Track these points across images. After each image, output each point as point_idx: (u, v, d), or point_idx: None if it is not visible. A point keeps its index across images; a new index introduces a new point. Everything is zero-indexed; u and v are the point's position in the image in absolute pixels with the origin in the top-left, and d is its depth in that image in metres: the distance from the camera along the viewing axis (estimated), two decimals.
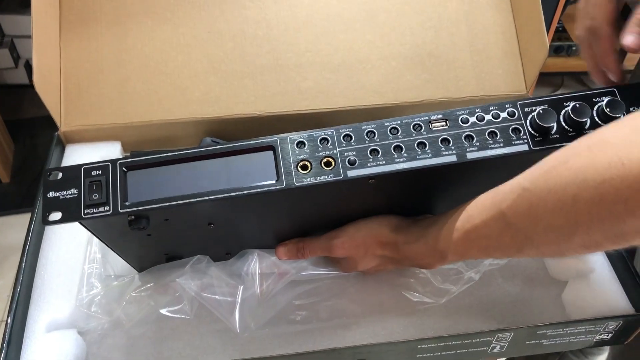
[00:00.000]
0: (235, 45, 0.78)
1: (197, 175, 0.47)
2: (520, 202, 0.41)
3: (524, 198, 0.41)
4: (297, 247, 0.60)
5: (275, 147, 0.48)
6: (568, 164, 0.38)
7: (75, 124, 0.74)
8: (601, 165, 0.35)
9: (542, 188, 0.39)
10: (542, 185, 0.39)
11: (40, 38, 0.70)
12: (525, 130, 0.49)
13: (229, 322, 0.58)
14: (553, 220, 0.38)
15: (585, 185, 0.36)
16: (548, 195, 0.38)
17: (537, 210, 0.39)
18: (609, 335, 0.60)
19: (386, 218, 0.57)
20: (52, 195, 0.45)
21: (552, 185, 0.38)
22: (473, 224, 0.46)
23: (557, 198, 0.38)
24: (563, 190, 0.37)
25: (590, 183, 0.35)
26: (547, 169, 0.40)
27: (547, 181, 0.39)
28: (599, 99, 0.49)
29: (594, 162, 0.36)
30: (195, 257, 0.59)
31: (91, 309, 0.58)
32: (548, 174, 0.39)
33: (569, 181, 0.37)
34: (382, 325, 0.61)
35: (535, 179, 0.40)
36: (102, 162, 0.47)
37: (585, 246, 0.39)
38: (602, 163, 0.35)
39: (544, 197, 0.39)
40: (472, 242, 0.47)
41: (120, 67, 0.76)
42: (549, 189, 0.38)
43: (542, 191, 0.39)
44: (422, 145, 0.48)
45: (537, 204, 0.39)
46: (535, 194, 0.40)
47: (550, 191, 0.38)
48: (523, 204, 0.41)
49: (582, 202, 0.36)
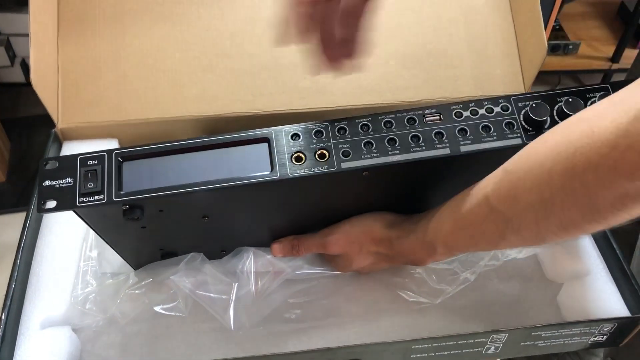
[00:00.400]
0: (233, 43, 0.78)
1: (192, 166, 0.48)
2: (502, 185, 0.42)
3: (505, 180, 0.42)
4: (292, 244, 0.60)
5: (270, 139, 0.48)
6: (545, 142, 0.39)
7: (72, 121, 0.74)
8: (574, 137, 0.36)
9: (522, 167, 0.40)
10: (521, 165, 0.40)
11: (38, 35, 0.70)
12: (519, 124, 0.49)
13: (223, 319, 0.58)
14: (531, 199, 0.39)
15: (559, 158, 0.36)
16: (526, 175, 0.39)
17: (517, 190, 0.40)
18: (604, 337, 0.60)
19: (380, 214, 0.57)
20: (47, 184, 0.46)
21: (531, 163, 0.39)
22: (460, 213, 0.47)
23: (534, 175, 0.38)
24: (539, 167, 0.38)
25: (563, 155, 0.36)
26: (526, 150, 0.41)
27: (526, 161, 0.40)
28: (592, 94, 0.50)
29: (568, 136, 0.36)
30: (190, 255, 0.59)
31: (86, 306, 0.58)
32: (527, 155, 0.40)
33: (545, 157, 0.38)
34: (377, 325, 0.61)
35: (515, 161, 0.41)
36: (99, 152, 0.47)
37: (563, 226, 0.39)
38: (575, 134, 0.36)
39: (523, 177, 0.39)
40: (459, 232, 0.47)
41: (118, 64, 0.76)
42: (528, 167, 0.39)
43: (521, 170, 0.40)
44: (416, 138, 0.49)
45: (516, 184, 0.40)
46: (515, 174, 0.40)
47: (528, 170, 0.39)
48: (504, 186, 0.42)
49: (556, 175, 0.37)
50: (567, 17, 2.04)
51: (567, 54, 1.94)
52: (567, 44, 1.92)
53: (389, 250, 0.55)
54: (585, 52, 1.96)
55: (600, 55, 1.96)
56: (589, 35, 2.01)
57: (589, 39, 1.99)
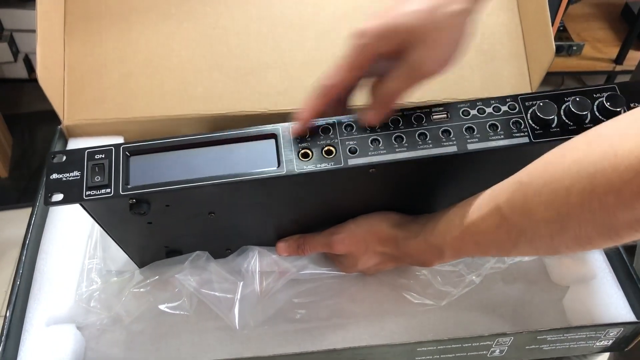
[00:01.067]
0: (240, 41, 0.78)
1: (199, 161, 0.48)
2: (516, 196, 0.41)
3: (520, 192, 0.41)
4: (298, 243, 0.59)
5: (277, 135, 0.49)
6: (564, 157, 0.38)
7: (78, 118, 0.74)
8: (595, 157, 0.35)
9: (538, 181, 0.39)
10: (538, 178, 0.40)
11: (45, 32, 0.70)
12: (526, 123, 0.49)
13: (228, 319, 0.57)
14: (547, 213, 0.39)
15: (579, 176, 0.36)
16: (543, 188, 0.39)
17: (532, 203, 0.40)
18: (610, 341, 0.60)
19: (386, 214, 0.57)
20: (55, 177, 0.46)
21: (548, 177, 0.38)
22: (470, 219, 0.46)
23: (551, 190, 0.38)
24: (557, 182, 0.37)
25: (583, 174, 0.36)
26: (544, 163, 0.40)
27: (542, 174, 0.39)
28: (600, 94, 0.50)
29: (588, 154, 0.36)
30: (195, 253, 0.59)
31: (90, 303, 0.58)
32: (544, 168, 0.40)
33: (564, 173, 0.37)
34: (381, 326, 0.61)
35: (531, 173, 0.41)
36: (106, 146, 0.48)
37: (578, 241, 0.39)
38: (596, 154, 0.35)
39: (539, 190, 0.39)
40: (469, 238, 0.47)
41: (124, 61, 0.76)
42: (544, 181, 0.39)
43: (537, 184, 0.39)
44: (423, 136, 0.49)
45: (532, 197, 0.40)
46: (531, 187, 0.40)
47: (546, 184, 0.38)
48: (519, 198, 0.41)
49: (575, 193, 0.36)
50: (571, 18, 2.04)
51: (571, 55, 1.94)
52: (571, 45, 1.92)
53: (395, 251, 0.55)
54: (589, 53, 1.95)
55: (604, 56, 1.95)
56: (593, 36, 2.00)
57: (592, 40, 1.99)
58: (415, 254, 0.53)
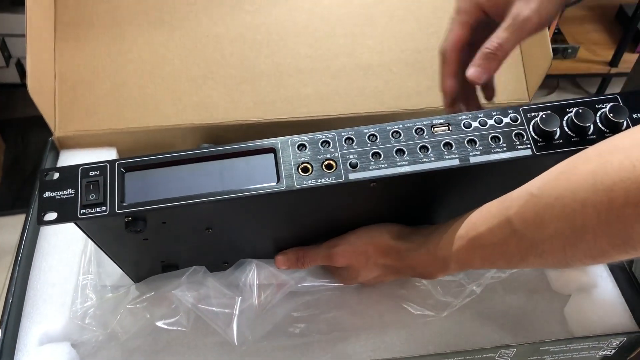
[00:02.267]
0: (234, 49, 0.77)
1: (196, 177, 0.47)
2: (527, 209, 0.41)
3: (531, 204, 0.40)
4: (297, 256, 0.59)
5: (276, 150, 0.48)
6: (577, 170, 0.38)
7: (69, 130, 0.72)
8: (611, 169, 0.35)
9: (550, 194, 0.39)
10: (550, 191, 0.39)
11: (35, 41, 0.69)
12: (528, 135, 0.49)
13: (226, 334, 0.56)
14: (560, 226, 0.38)
15: (595, 189, 0.35)
16: (556, 201, 0.38)
17: (544, 216, 0.39)
18: (612, 351, 0.59)
19: (387, 226, 0.56)
20: (48, 195, 0.45)
21: (561, 190, 0.38)
22: (477, 231, 0.45)
23: (564, 203, 0.37)
24: (572, 195, 0.37)
25: (599, 187, 0.35)
26: (555, 175, 0.39)
27: (555, 187, 0.39)
28: (602, 105, 0.49)
29: (604, 166, 0.35)
30: (192, 268, 0.58)
31: (85, 321, 0.56)
32: (556, 180, 0.39)
33: (578, 186, 0.37)
34: (382, 339, 0.60)
35: (543, 185, 0.40)
36: (100, 162, 0.46)
37: (591, 255, 0.38)
38: (613, 166, 0.35)
39: (552, 203, 0.38)
40: (476, 250, 0.46)
41: (116, 71, 0.75)
42: (557, 194, 0.38)
43: (549, 197, 0.39)
44: (425, 149, 0.48)
45: (544, 210, 0.39)
46: (543, 199, 0.39)
47: (559, 197, 0.38)
48: (530, 210, 0.40)
49: (591, 205, 0.36)
50: (566, 21, 2.03)
51: (566, 58, 1.94)
52: (566, 48, 1.92)
53: (397, 263, 0.54)
54: (584, 56, 1.96)
55: (599, 59, 1.95)
56: (588, 39, 2.00)
57: (587, 42, 1.99)
58: (418, 266, 0.53)
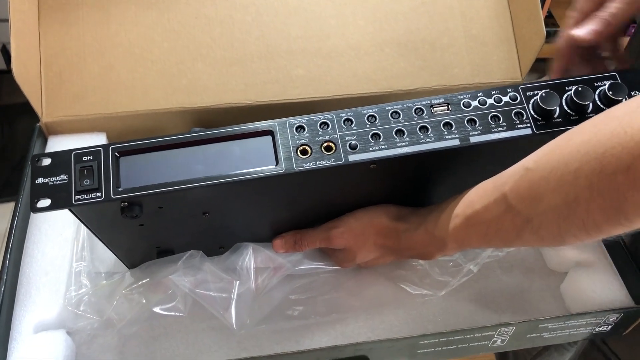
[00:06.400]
0: (224, 31, 0.75)
1: (192, 161, 0.46)
2: (522, 183, 0.40)
3: (526, 178, 0.40)
4: (294, 239, 0.58)
5: (274, 132, 0.47)
6: (571, 141, 0.37)
7: (57, 115, 0.71)
8: (604, 136, 0.35)
9: (545, 167, 0.39)
10: (544, 164, 0.39)
11: (19, 24, 0.67)
12: (528, 114, 0.49)
13: (224, 318, 0.56)
14: (554, 199, 0.38)
15: (587, 157, 0.35)
16: (550, 174, 0.38)
17: (539, 189, 0.39)
18: (609, 327, 0.60)
19: (385, 207, 0.56)
20: (40, 181, 0.44)
21: (555, 162, 0.38)
22: (474, 209, 0.45)
23: (559, 175, 0.37)
24: (565, 166, 0.37)
25: (592, 155, 0.35)
26: (550, 149, 0.39)
27: (549, 160, 0.38)
28: (601, 82, 0.49)
29: (597, 135, 0.35)
30: (188, 253, 0.57)
31: (80, 308, 0.55)
32: (551, 153, 0.39)
33: (571, 156, 0.36)
34: (381, 319, 0.60)
35: (538, 159, 0.40)
36: (94, 147, 0.45)
37: (585, 228, 0.38)
38: (605, 134, 0.35)
39: (546, 176, 0.38)
40: (472, 228, 0.46)
41: (104, 54, 0.73)
42: (551, 167, 0.38)
43: (544, 170, 0.39)
44: (425, 130, 0.48)
45: (538, 183, 0.39)
46: (537, 173, 0.39)
47: (553, 169, 0.38)
48: (525, 185, 0.40)
49: (583, 175, 0.35)
50: (557, 4, 2.02)
51: None
52: (556, 31, 1.91)
53: (396, 244, 0.54)
54: None
55: None
56: None
57: None
58: (417, 247, 0.52)
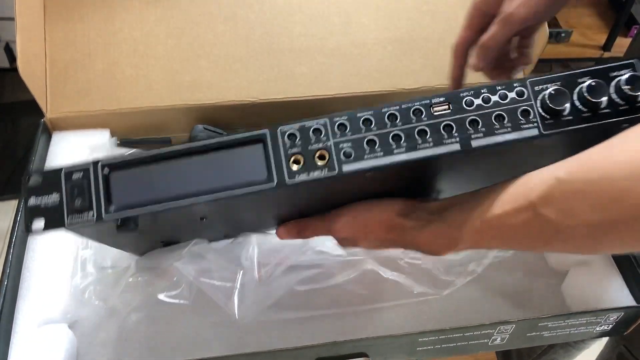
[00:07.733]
0: (227, 28, 0.76)
1: (184, 173, 0.44)
2: (553, 194, 0.38)
3: (557, 189, 0.37)
4: (299, 228, 0.57)
5: (265, 140, 0.44)
6: (613, 151, 0.35)
7: (61, 111, 0.71)
8: None
9: (581, 179, 0.36)
10: (580, 176, 0.36)
11: (25, 21, 0.68)
12: (535, 111, 0.45)
13: (227, 308, 0.56)
14: (593, 216, 0.35)
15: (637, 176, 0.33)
16: (590, 188, 0.35)
17: (574, 203, 0.36)
18: (610, 326, 0.59)
19: (391, 202, 0.54)
20: (33, 202, 0.43)
21: (595, 177, 0.35)
22: (494, 212, 0.42)
23: (600, 191, 0.34)
24: (608, 182, 0.34)
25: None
26: (586, 160, 0.37)
27: (587, 173, 0.36)
28: (617, 72, 0.45)
29: None
30: (193, 241, 0.56)
31: (85, 296, 0.56)
32: (590, 164, 0.36)
33: (618, 170, 0.34)
34: (381, 317, 0.61)
35: (572, 170, 0.37)
36: (83, 163, 0.44)
37: (622, 246, 0.36)
38: None
39: (583, 189, 0.36)
40: (492, 231, 0.44)
41: (108, 51, 0.73)
42: (590, 180, 0.35)
43: (580, 183, 0.36)
44: (423, 134, 0.45)
45: (573, 196, 0.36)
46: (572, 185, 0.36)
47: (593, 183, 0.35)
48: (557, 196, 0.38)
49: (633, 197, 0.33)
50: None
51: (559, 42, 1.93)
52: (559, 32, 1.91)
53: (401, 239, 0.53)
54: (577, 40, 1.95)
55: (592, 43, 1.95)
56: (581, 23, 1.99)
57: (581, 27, 1.98)
58: (424, 244, 0.51)
